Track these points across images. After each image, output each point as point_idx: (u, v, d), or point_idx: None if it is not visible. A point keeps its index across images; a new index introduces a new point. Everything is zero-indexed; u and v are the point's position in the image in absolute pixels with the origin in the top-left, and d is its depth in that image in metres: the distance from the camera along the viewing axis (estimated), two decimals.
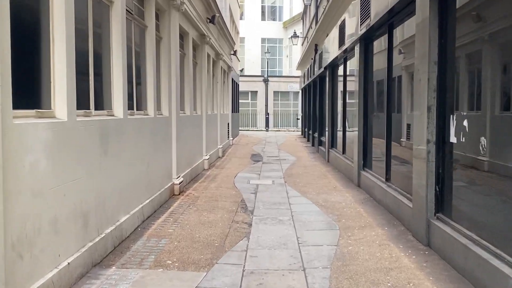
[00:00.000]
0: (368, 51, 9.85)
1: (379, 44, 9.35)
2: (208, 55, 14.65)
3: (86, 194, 4.72)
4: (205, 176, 11.71)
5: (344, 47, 11.66)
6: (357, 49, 10.22)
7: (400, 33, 7.80)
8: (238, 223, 6.91)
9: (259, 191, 9.74)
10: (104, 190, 5.21)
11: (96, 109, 5.29)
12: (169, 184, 8.58)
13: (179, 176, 9.24)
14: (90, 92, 5.15)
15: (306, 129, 26.86)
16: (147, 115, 7.44)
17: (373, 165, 9.56)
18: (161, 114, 8.48)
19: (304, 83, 26.85)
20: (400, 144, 7.87)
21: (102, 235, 5.09)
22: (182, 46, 10.72)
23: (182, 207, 7.89)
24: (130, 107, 6.59)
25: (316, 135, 20.46)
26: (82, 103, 4.90)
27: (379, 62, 9.34)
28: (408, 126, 7.28)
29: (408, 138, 7.31)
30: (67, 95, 4.25)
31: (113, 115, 5.78)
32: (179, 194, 8.97)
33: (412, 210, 6.16)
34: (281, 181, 11.17)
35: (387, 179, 8.07)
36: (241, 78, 36.36)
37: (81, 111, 4.82)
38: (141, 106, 7.32)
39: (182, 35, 10.72)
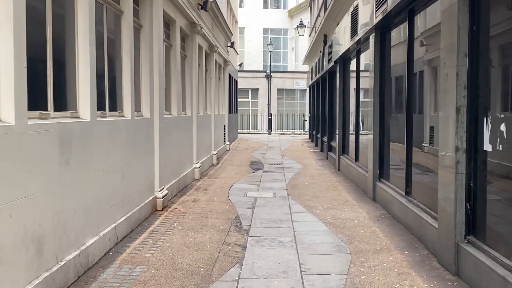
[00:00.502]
0: (385, 42, 9.53)
1: (398, 34, 9.03)
2: (200, 47, 14.36)
3: (41, 214, 4.39)
4: (195, 188, 11.39)
5: (357, 38, 11.35)
6: (372, 39, 9.91)
7: (422, 20, 7.47)
8: (230, 245, 6.57)
9: (257, 205, 9.41)
10: (65, 208, 4.88)
11: (56, 109, 4.97)
12: (151, 198, 8.25)
13: (163, 189, 8.91)
14: (48, 88, 4.83)
15: (314, 133, 26.56)
16: (123, 116, 7.12)
17: (391, 175, 9.22)
18: (141, 116, 8.16)
19: (312, 79, 26.55)
20: (422, 150, 7.54)
21: (62, 263, 4.75)
22: (168, 36, 10.42)
23: (165, 226, 7.55)
24: (101, 107, 6.27)
25: (325, 139, 20.14)
26: (37, 102, 4.57)
27: (397, 55, 9.01)
28: (432, 128, 6.95)
29: (431, 143, 6.98)
30: (15, 92, 3.92)
31: (78, 117, 5.46)
32: (162, 210, 8.64)
33: (438, 231, 5.81)
34: (284, 193, 10.84)
35: (408, 192, 7.72)
36: (240, 74, 36.12)
37: (36, 113, 4.50)
38: (115, 106, 7.01)
39: (168, 23, 10.42)
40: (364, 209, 8.95)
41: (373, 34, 9.74)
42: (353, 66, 13.63)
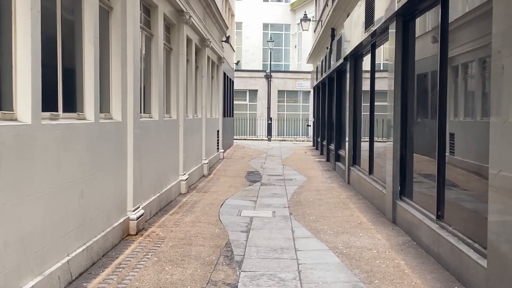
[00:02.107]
0: (408, 32, 8.55)
1: (423, 22, 8.06)
2: (189, 40, 13.38)
3: None
4: (180, 205, 10.36)
5: (372, 29, 10.38)
6: (392, 30, 8.93)
7: (461, 2, 6.49)
8: (217, 285, 5.55)
9: (254, 228, 8.40)
10: None
11: None
12: (121, 220, 7.23)
13: (138, 208, 7.89)
14: None
15: (319, 139, 25.60)
16: (84, 119, 6.11)
17: (415, 193, 8.22)
18: (110, 119, 7.15)
19: (317, 80, 25.63)
20: (456, 165, 6.54)
21: None
22: (148, 24, 9.44)
23: (137, 256, 6.53)
24: (50, 106, 5.27)
25: (332, 147, 19.16)
26: None
27: (424, 48, 8.04)
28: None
29: (478, 156, 5.98)
30: None
31: (13, 119, 4.45)
32: (136, 234, 7.61)
33: (487, 273, 4.79)
34: (285, 212, 9.83)
35: (440, 216, 6.70)
36: (237, 74, 35.26)
37: None
38: (73, 105, 6.00)
39: (148, 8, 9.43)
40: (383, 234, 7.94)
41: (394, 22, 8.77)
42: (366, 63, 12.67)
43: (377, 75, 11.52)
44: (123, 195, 7.40)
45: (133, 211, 7.64)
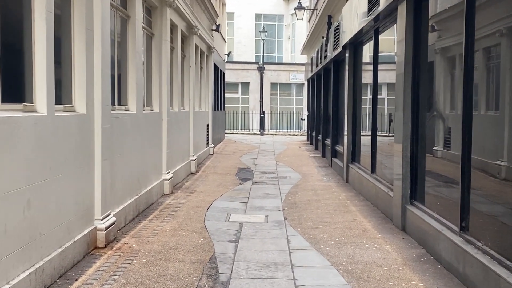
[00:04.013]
0: (421, 13, 7.46)
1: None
2: (174, 25, 12.22)
3: None
4: (161, 208, 9.25)
5: (376, 12, 9.27)
6: (401, 10, 7.84)
7: None
8: None
9: (243, 237, 7.32)
10: None
11: None
12: (86, 232, 6.11)
13: (109, 215, 6.77)
14: None
15: (314, 134, 24.53)
16: (33, 111, 4.98)
17: (429, 197, 7.15)
18: (72, 111, 6.02)
19: (311, 71, 24.53)
20: (484, 170, 5.48)
21: None
22: (124, 4, 8.31)
23: (101, 277, 5.41)
24: None
25: (328, 142, 18.08)
26: None
27: (442, 29, 6.96)
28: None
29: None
30: None
31: None
32: (105, 247, 6.49)
33: None
34: (279, 216, 8.75)
35: (464, 228, 5.63)
36: (228, 66, 34.17)
37: None
38: (16, 94, 4.87)
39: None
40: (392, 246, 6.86)
41: (404, 1, 7.67)
42: (368, 51, 11.59)
43: (381, 64, 10.44)
44: (88, 202, 6.27)
45: (102, 219, 6.52)
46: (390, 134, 10.23)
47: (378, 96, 10.54)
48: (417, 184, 7.56)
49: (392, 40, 10.27)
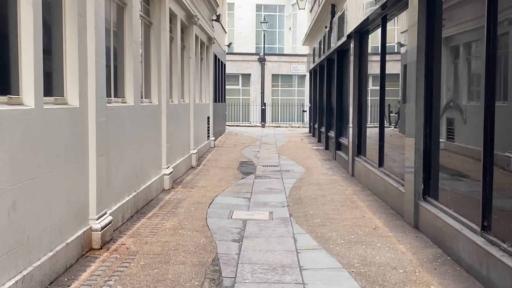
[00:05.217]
0: None
1: None
2: (173, 14, 11.78)
3: None
4: (161, 204, 8.85)
5: None
6: None
7: None
8: None
9: (247, 235, 6.93)
10: None
11: None
12: (80, 233, 5.71)
13: (105, 214, 6.36)
14: None
15: (316, 126, 24.12)
16: (19, 104, 4.56)
17: (445, 193, 6.74)
18: (64, 104, 5.60)
19: (313, 62, 24.07)
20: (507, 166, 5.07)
21: None
22: None
23: (96, 283, 5.01)
24: None
25: (331, 134, 17.66)
26: None
27: (459, 13, 6.53)
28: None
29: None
30: None
31: None
32: (101, 248, 6.09)
33: None
34: (284, 212, 8.36)
35: (486, 228, 5.22)
36: (229, 57, 33.71)
37: None
38: (5, 86, 4.46)
39: None
40: (406, 245, 6.45)
41: None
42: (374, 40, 11.16)
43: (388, 54, 10.02)
44: (83, 201, 5.86)
45: (97, 219, 6.11)
46: (390, 126, 9.85)
47: (376, 87, 10.13)
48: (430, 179, 7.14)
49: (393, 31, 9.89)
